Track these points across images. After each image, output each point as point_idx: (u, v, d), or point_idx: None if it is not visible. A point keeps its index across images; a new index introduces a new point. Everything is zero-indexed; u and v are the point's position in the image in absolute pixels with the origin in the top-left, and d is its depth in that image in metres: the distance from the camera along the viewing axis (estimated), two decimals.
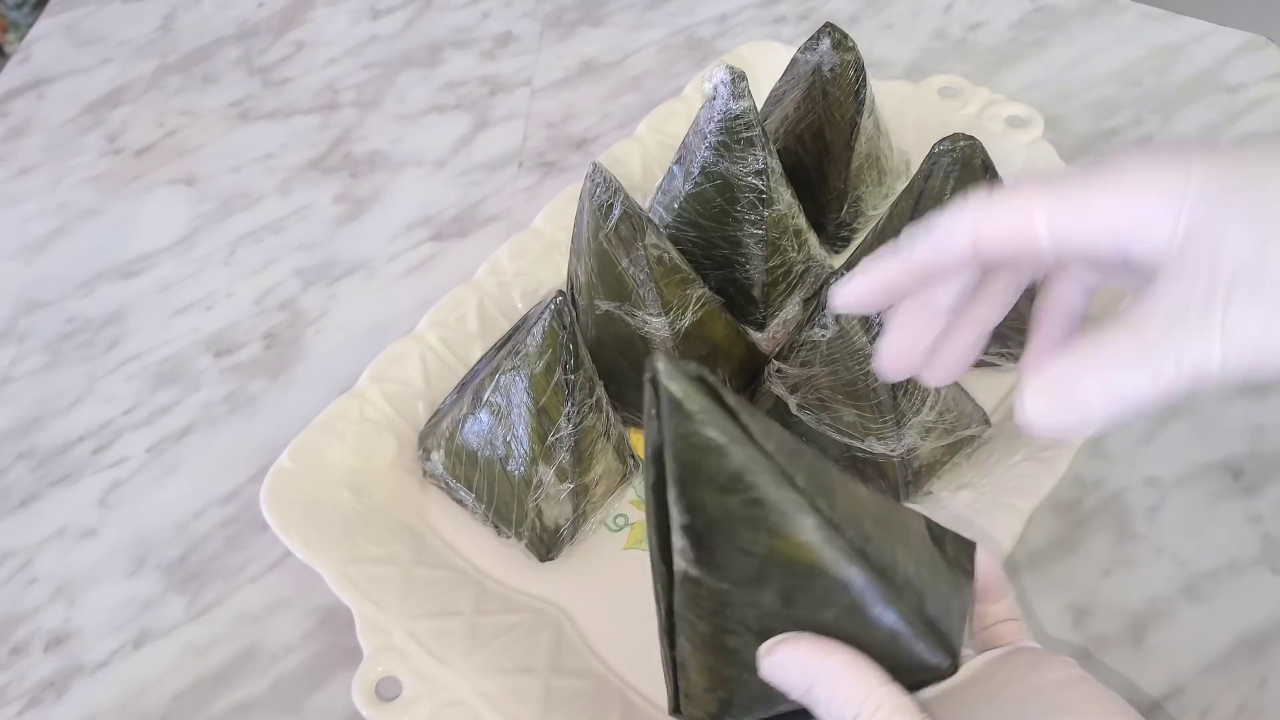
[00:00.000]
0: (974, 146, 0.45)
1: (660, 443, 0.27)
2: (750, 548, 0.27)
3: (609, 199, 0.43)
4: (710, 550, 0.27)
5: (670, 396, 0.26)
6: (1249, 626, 0.43)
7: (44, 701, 0.44)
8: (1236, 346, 0.23)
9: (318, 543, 0.42)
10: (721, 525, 0.27)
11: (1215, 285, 0.23)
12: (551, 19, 0.76)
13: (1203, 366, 0.23)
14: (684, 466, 0.26)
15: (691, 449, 0.26)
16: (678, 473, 0.27)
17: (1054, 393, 0.25)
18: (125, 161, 0.67)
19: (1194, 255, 0.24)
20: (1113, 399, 0.24)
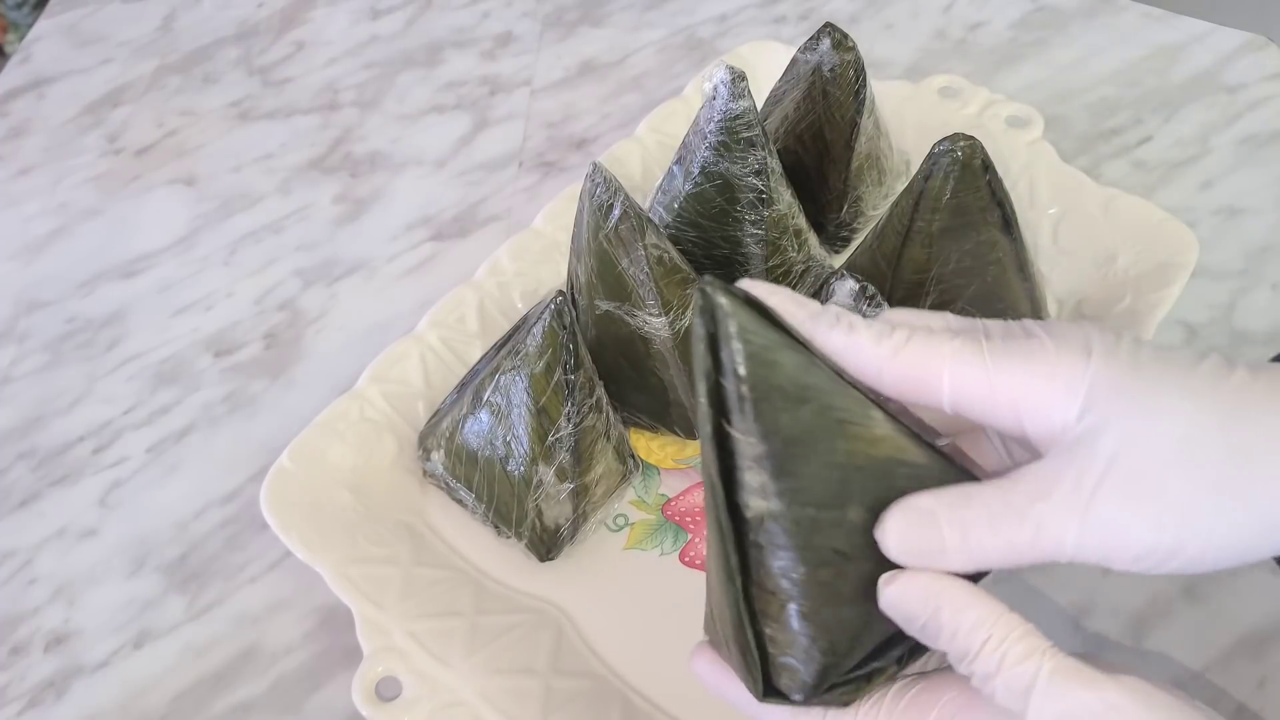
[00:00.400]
0: (974, 146, 0.45)
1: (716, 377, 0.26)
2: (831, 458, 0.26)
3: (609, 199, 0.43)
4: (792, 474, 0.26)
5: (730, 318, 0.25)
6: (1249, 626, 0.43)
7: (44, 701, 0.44)
8: (1093, 533, 0.25)
9: (318, 543, 0.42)
10: (800, 442, 0.26)
11: (1089, 472, 0.25)
12: (551, 19, 0.76)
13: (1057, 541, 0.25)
14: (754, 388, 0.25)
15: (760, 366, 0.25)
16: (749, 396, 0.26)
17: (916, 523, 0.26)
18: (125, 161, 0.67)
19: (1076, 441, 0.26)
20: (967, 546, 0.26)
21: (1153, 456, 0.25)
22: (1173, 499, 0.24)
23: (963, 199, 0.45)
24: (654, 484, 0.48)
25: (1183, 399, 0.25)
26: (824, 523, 0.27)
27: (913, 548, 0.26)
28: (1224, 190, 0.60)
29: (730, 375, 0.26)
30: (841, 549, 0.27)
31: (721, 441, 0.27)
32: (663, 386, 0.47)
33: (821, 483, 0.26)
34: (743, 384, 0.25)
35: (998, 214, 0.46)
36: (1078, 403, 0.26)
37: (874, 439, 0.27)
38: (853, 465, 0.27)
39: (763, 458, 0.26)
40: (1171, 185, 0.60)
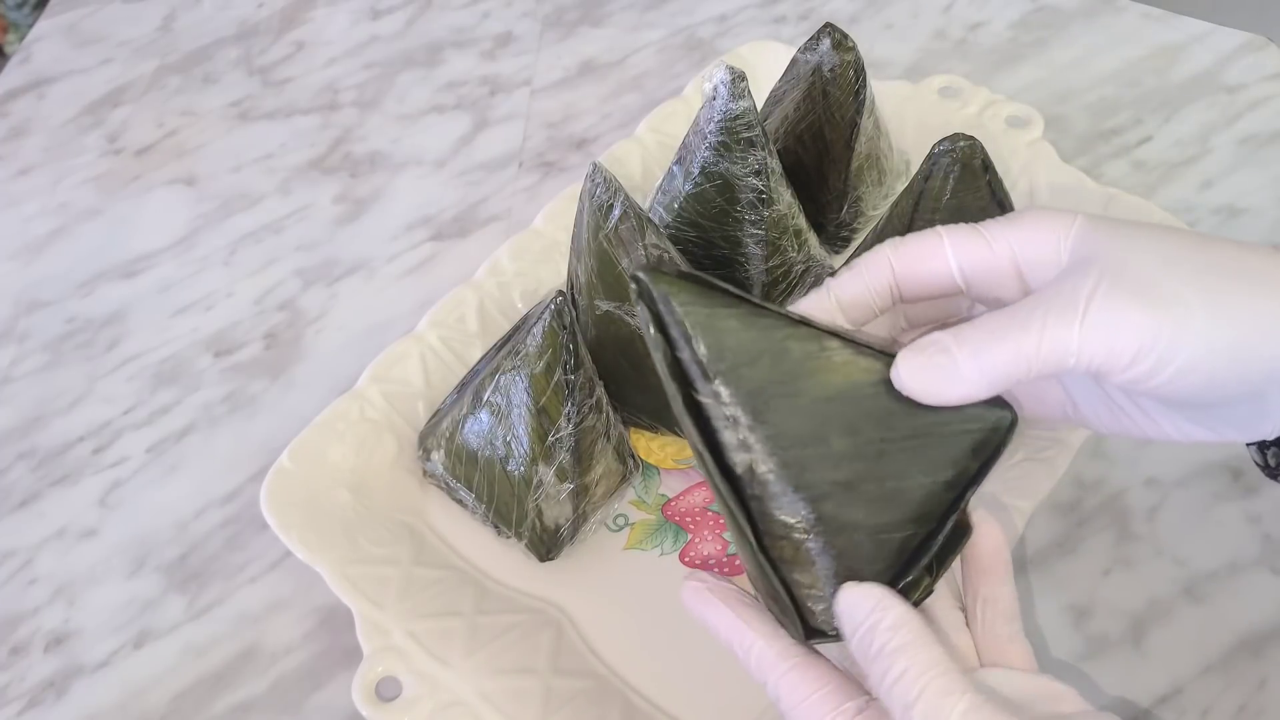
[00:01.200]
0: (974, 146, 0.45)
1: (672, 353, 0.28)
2: (798, 398, 0.28)
3: (609, 199, 0.43)
4: (765, 422, 0.28)
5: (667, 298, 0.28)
6: (1249, 627, 0.43)
7: (44, 701, 0.44)
8: (1095, 333, 0.26)
9: (318, 543, 0.42)
10: (763, 391, 0.28)
11: (1084, 283, 0.27)
12: (551, 19, 0.76)
13: (1062, 344, 0.26)
14: (707, 352, 0.28)
15: (707, 332, 0.28)
16: (705, 360, 0.28)
17: (928, 352, 0.28)
18: (125, 161, 0.67)
19: (1066, 272, 0.28)
20: (979, 363, 0.27)
21: (1140, 269, 0.27)
22: (1163, 293, 0.26)
23: (963, 199, 0.45)
24: (654, 484, 0.48)
25: (1161, 238, 0.28)
26: (810, 459, 0.28)
27: (928, 377, 0.28)
28: (1224, 190, 0.60)
29: (683, 347, 0.28)
30: (836, 479, 0.28)
31: (694, 411, 0.28)
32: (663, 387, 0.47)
33: (796, 422, 0.28)
34: (696, 351, 0.28)
35: (998, 214, 0.45)
36: (1068, 245, 0.28)
37: (834, 367, 0.28)
38: (822, 398, 0.28)
39: (735, 415, 0.28)
40: (1171, 185, 0.60)
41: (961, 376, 0.27)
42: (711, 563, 0.46)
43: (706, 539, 0.46)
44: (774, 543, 0.29)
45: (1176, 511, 0.47)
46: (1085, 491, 0.47)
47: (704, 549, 0.46)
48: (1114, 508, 0.47)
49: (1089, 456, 0.48)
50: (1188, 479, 0.48)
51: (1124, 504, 0.47)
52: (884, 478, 0.28)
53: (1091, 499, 0.47)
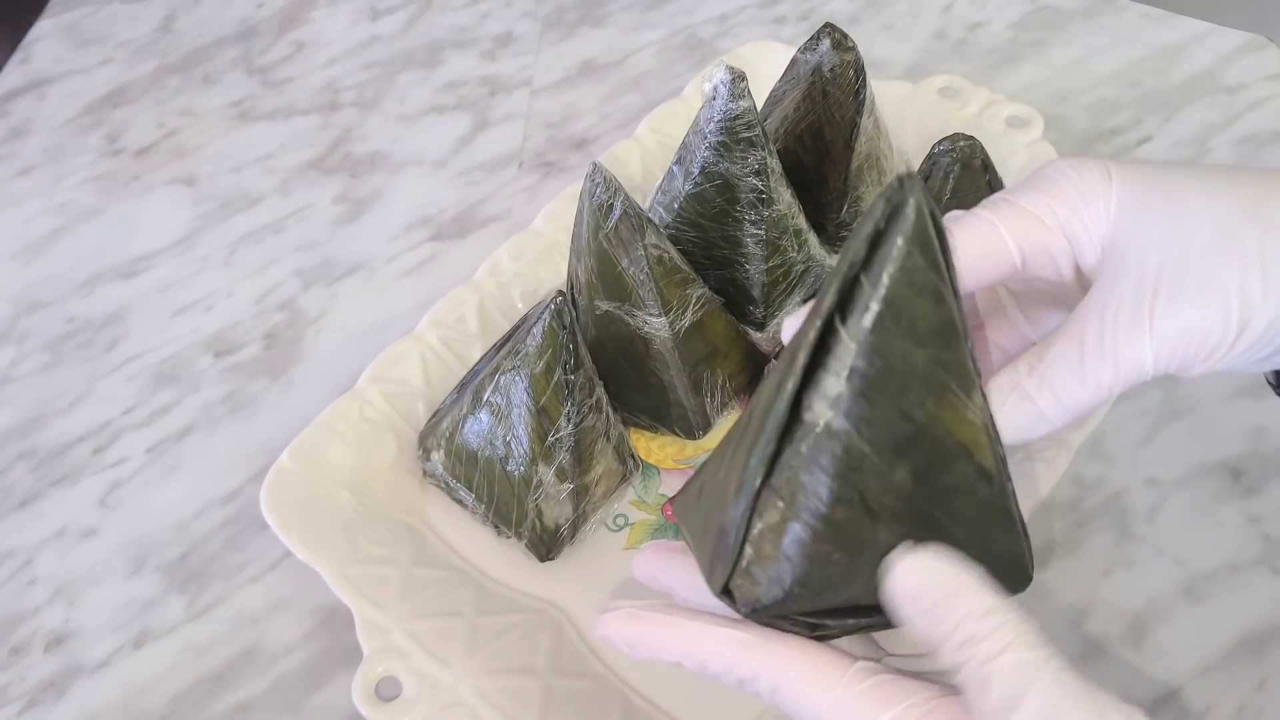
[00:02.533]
0: (974, 146, 0.45)
1: (859, 271, 0.25)
2: (913, 411, 0.25)
3: (609, 199, 0.43)
4: (871, 402, 0.25)
5: (919, 222, 0.24)
6: (1249, 627, 0.43)
7: (44, 701, 0.44)
8: (1167, 345, 0.26)
9: (318, 543, 0.42)
10: (897, 377, 0.25)
11: (1143, 290, 0.26)
12: (551, 19, 0.76)
13: (1137, 366, 0.26)
14: (889, 303, 0.25)
15: (906, 286, 0.24)
16: (877, 308, 0.25)
17: (1009, 397, 0.28)
18: (125, 162, 0.67)
19: (1120, 262, 0.27)
20: (1061, 403, 0.27)
21: (1195, 252, 0.26)
22: (1227, 284, 0.25)
23: (963, 199, 0.45)
24: (654, 484, 0.48)
25: (1208, 194, 0.26)
26: (870, 466, 0.26)
27: (1014, 424, 0.27)
28: None
29: (874, 277, 0.25)
30: (871, 500, 0.26)
31: (825, 334, 0.26)
32: (662, 386, 0.47)
33: (892, 426, 0.25)
34: (880, 291, 0.24)
35: None
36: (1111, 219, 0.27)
37: (962, 420, 0.26)
38: (929, 429, 0.26)
39: (855, 372, 0.25)
40: None
41: (1047, 420, 0.27)
42: None
43: None
44: (769, 497, 0.27)
45: (1176, 511, 0.47)
46: (1085, 491, 0.47)
47: None
48: (1114, 508, 0.47)
49: (1089, 456, 0.48)
50: (1187, 479, 0.48)
51: (1124, 504, 0.47)
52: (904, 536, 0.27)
53: (1091, 499, 0.47)
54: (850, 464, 0.26)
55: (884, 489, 0.26)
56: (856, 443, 0.26)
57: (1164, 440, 0.49)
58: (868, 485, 0.26)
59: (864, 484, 0.26)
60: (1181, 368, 0.26)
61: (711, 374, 0.47)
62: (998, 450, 0.27)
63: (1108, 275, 0.27)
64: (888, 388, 0.25)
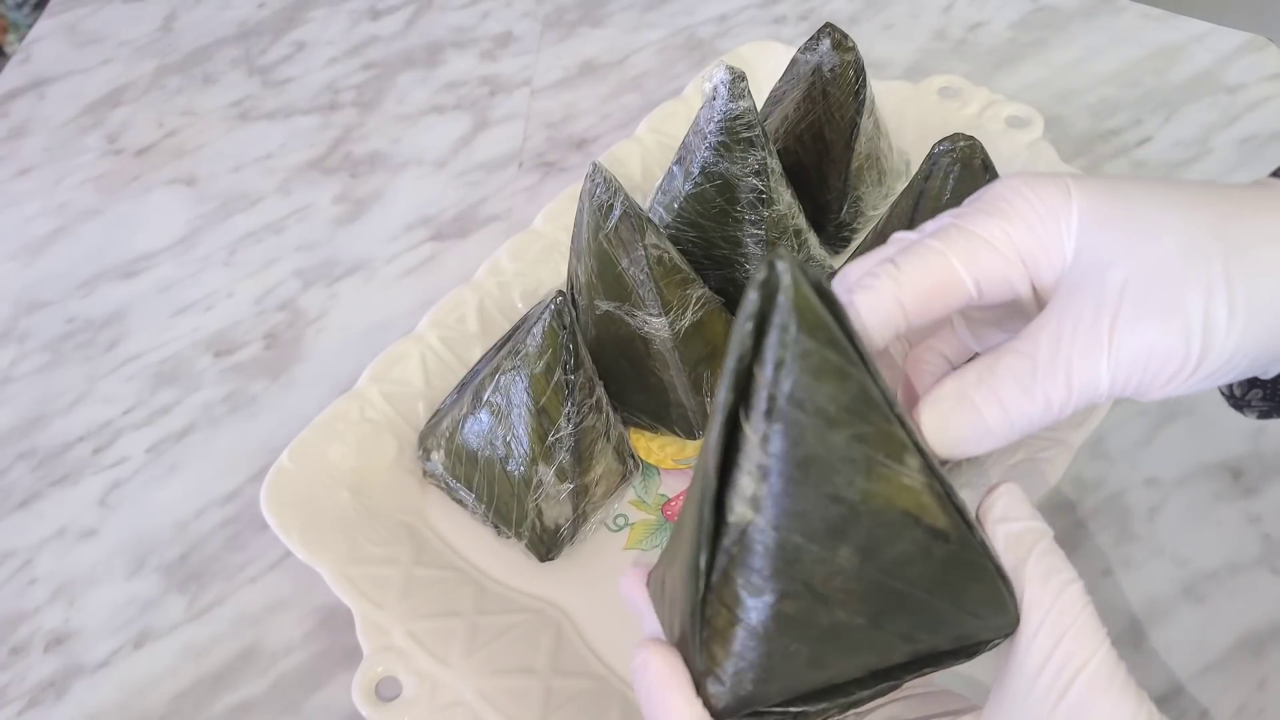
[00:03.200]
0: (974, 146, 0.45)
1: (750, 362, 0.23)
2: (843, 492, 0.24)
3: (609, 199, 0.43)
4: (792, 496, 0.24)
5: (798, 303, 0.22)
6: (1249, 627, 0.43)
7: (44, 701, 0.44)
8: (1124, 367, 0.24)
9: (318, 543, 0.42)
10: (817, 464, 0.23)
11: (1102, 308, 0.25)
12: (551, 19, 0.76)
13: (1092, 386, 0.25)
14: (790, 394, 0.23)
15: (807, 373, 0.22)
16: (779, 400, 0.23)
17: (952, 410, 0.26)
18: (125, 161, 0.67)
19: (1080, 278, 0.25)
20: (1008, 418, 0.25)
21: (1160, 273, 0.24)
22: (1191, 308, 0.24)
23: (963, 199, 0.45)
24: (654, 484, 0.48)
25: (1174, 211, 0.25)
26: (808, 555, 0.24)
27: (957, 436, 0.26)
28: None
29: (768, 368, 0.23)
30: (818, 588, 0.25)
31: (730, 432, 0.24)
32: (663, 386, 0.47)
33: (824, 511, 0.24)
34: (779, 383, 0.23)
35: None
36: (1072, 238, 0.26)
37: (900, 488, 0.24)
38: (865, 506, 0.24)
39: (768, 469, 0.24)
40: None
41: (991, 435, 0.26)
42: None
43: None
44: (714, 604, 0.26)
45: (1176, 511, 0.47)
46: (1085, 491, 0.47)
47: None
48: (1114, 508, 0.47)
49: (1089, 456, 0.48)
50: (1187, 479, 0.48)
51: (1124, 504, 0.47)
52: (865, 612, 0.25)
53: (1091, 499, 0.47)
54: (786, 558, 0.24)
55: (830, 574, 0.25)
56: (786, 537, 0.24)
57: (1164, 440, 0.49)
58: (812, 573, 0.25)
59: (807, 573, 0.25)
60: (1138, 391, 0.25)
61: (711, 374, 0.47)
62: (952, 503, 0.25)
63: (1066, 291, 0.26)
64: (809, 475, 0.23)
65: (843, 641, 0.25)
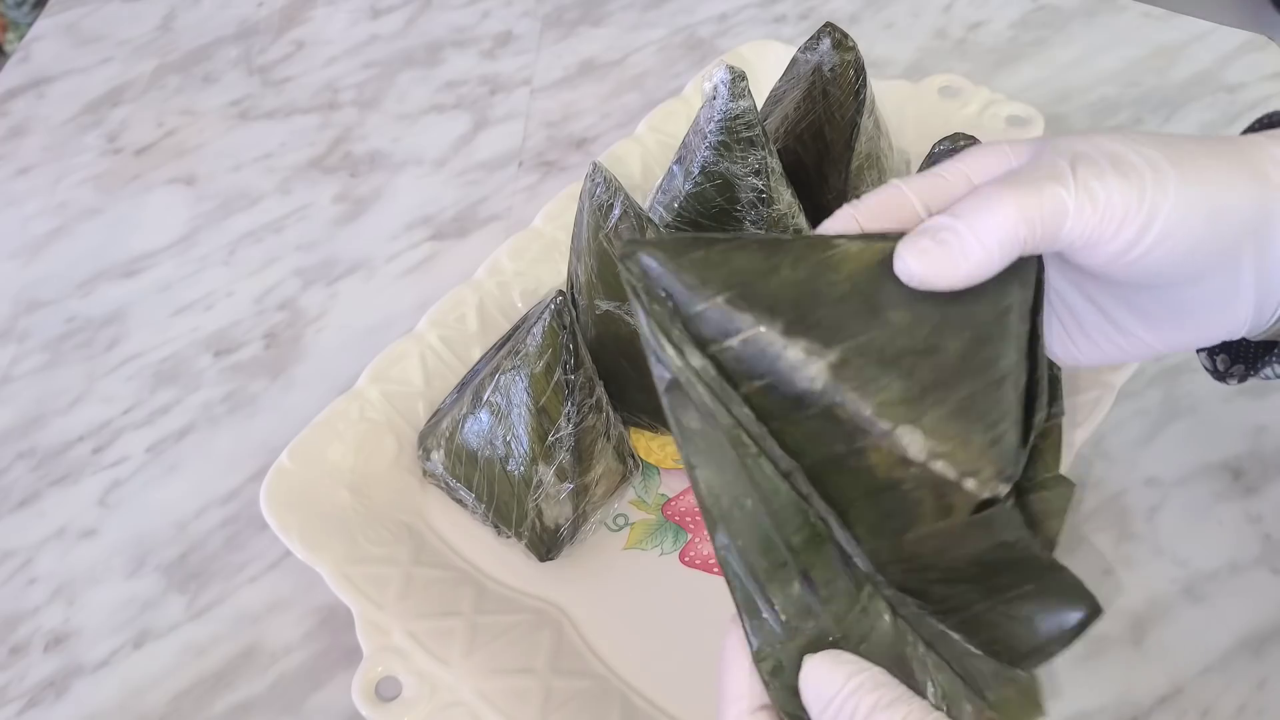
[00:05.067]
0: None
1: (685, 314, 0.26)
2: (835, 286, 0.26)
3: (609, 199, 0.43)
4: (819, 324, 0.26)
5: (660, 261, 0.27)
6: (1249, 627, 0.43)
7: (44, 701, 0.44)
8: (1084, 196, 0.26)
9: (317, 543, 0.42)
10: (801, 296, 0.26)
11: (1060, 160, 0.27)
12: (551, 19, 0.76)
13: (1060, 204, 0.26)
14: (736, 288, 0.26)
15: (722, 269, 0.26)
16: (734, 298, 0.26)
17: (929, 232, 0.27)
18: (125, 161, 0.67)
19: (1035, 157, 0.28)
20: (984, 228, 0.26)
21: (1109, 147, 0.27)
22: (1137, 162, 0.27)
23: None
24: (654, 484, 0.48)
25: (1117, 131, 0.28)
26: (879, 338, 0.26)
27: (933, 258, 0.26)
28: None
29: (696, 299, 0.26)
30: (914, 346, 0.26)
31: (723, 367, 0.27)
32: None
33: (845, 309, 0.26)
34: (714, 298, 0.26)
35: None
36: (1023, 154, 0.29)
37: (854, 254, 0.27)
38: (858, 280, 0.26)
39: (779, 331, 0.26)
40: None
41: (968, 250, 0.26)
42: (712, 563, 0.46)
43: (706, 539, 0.46)
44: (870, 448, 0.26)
45: (1176, 511, 0.47)
46: (1085, 491, 0.47)
47: (704, 549, 0.46)
48: (1114, 508, 0.47)
49: (1089, 456, 0.48)
50: (1187, 478, 0.48)
51: (1124, 504, 0.47)
52: (957, 329, 0.26)
53: (1091, 499, 0.47)
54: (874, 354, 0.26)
55: (908, 333, 0.26)
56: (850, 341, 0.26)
57: (1164, 440, 0.49)
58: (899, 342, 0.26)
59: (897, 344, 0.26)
60: (1098, 229, 0.26)
61: None
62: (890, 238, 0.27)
63: (1029, 159, 0.28)
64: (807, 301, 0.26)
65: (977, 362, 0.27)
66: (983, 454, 0.26)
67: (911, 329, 0.26)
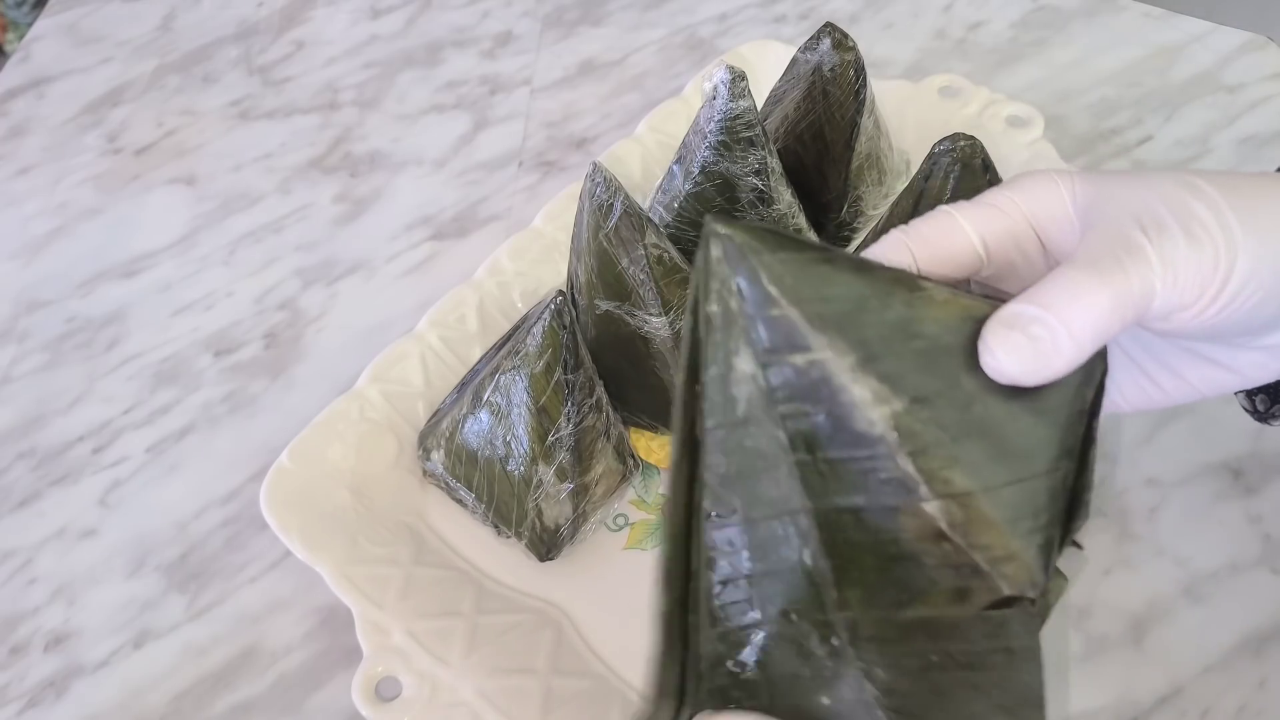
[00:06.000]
0: (974, 146, 0.45)
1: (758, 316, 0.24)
2: (916, 339, 0.25)
3: (609, 199, 0.43)
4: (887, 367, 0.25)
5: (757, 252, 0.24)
6: (1249, 626, 0.43)
7: (44, 701, 0.44)
8: (1170, 267, 0.25)
9: (318, 543, 0.42)
10: (879, 336, 0.24)
11: (1130, 230, 0.26)
12: (551, 18, 0.76)
13: (1148, 286, 0.25)
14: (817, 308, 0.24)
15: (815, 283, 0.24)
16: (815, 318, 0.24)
17: (1020, 324, 0.25)
18: (125, 161, 0.67)
19: (1101, 216, 0.27)
20: (1078, 322, 0.25)
21: (1173, 207, 0.26)
22: (1208, 222, 0.25)
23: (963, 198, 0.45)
24: (654, 484, 0.48)
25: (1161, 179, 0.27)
26: (943, 398, 0.25)
27: (1027, 354, 0.25)
28: None
29: (779, 304, 0.24)
30: (969, 420, 0.25)
31: (692, 450, 0.25)
32: (663, 386, 0.47)
33: (920, 362, 0.25)
34: (803, 308, 0.24)
35: None
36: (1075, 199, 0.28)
37: (941, 303, 0.25)
38: (938, 334, 0.25)
39: (857, 364, 0.24)
40: None
41: (1061, 347, 0.24)
42: None
43: None
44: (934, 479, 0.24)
45: (1176, 511, 0.47)
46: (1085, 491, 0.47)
47: None
48: (1114, 508, 0.47)
49: None
50: (1188, 479, 0.48)
51: (1124, 504, 0.47)
52: (1032, 414, 0.25)
53: (1091, 498, 0.47)
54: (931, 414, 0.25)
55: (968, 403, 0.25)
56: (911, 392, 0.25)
57: (1164, 440, 0.49)
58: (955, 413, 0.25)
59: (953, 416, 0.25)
60: (1183, 299, 0.25)
61: None
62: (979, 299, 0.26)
63: (1092, 227, 0.27)
64: (882, 344, 0.25)
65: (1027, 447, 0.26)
66: (1023, 551, 0.25)
67: (975, 400, 0.25)
